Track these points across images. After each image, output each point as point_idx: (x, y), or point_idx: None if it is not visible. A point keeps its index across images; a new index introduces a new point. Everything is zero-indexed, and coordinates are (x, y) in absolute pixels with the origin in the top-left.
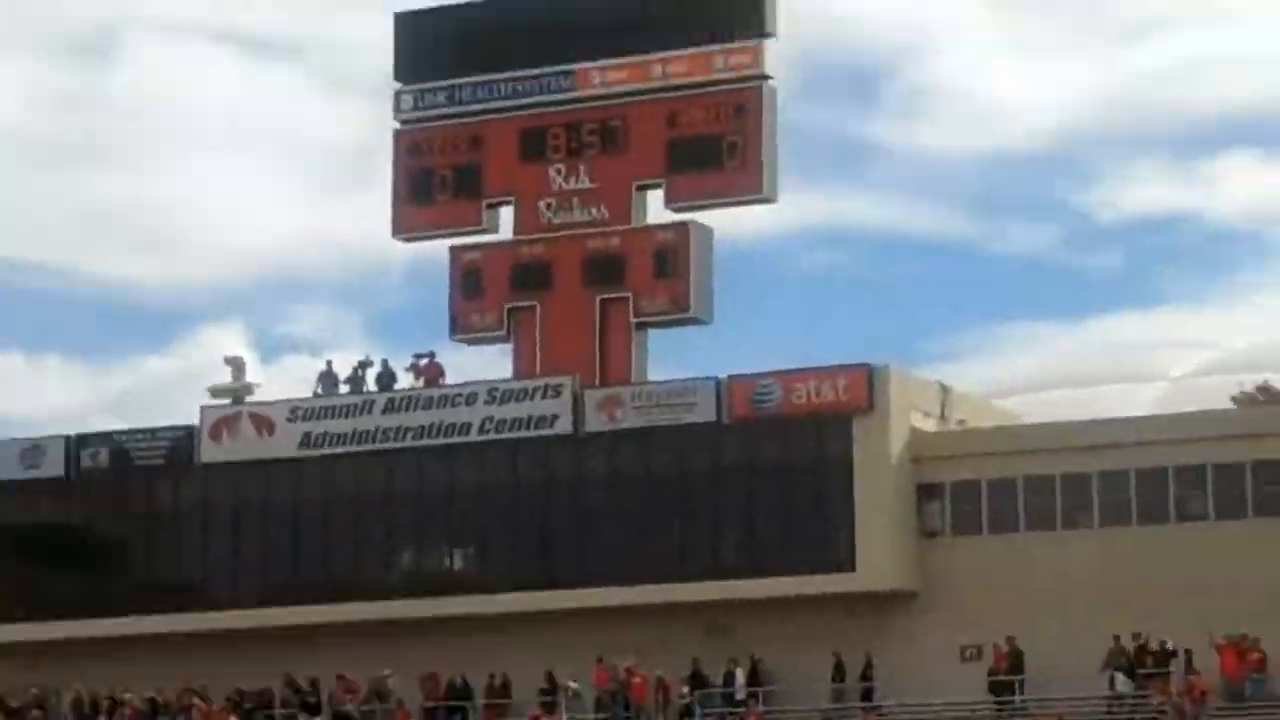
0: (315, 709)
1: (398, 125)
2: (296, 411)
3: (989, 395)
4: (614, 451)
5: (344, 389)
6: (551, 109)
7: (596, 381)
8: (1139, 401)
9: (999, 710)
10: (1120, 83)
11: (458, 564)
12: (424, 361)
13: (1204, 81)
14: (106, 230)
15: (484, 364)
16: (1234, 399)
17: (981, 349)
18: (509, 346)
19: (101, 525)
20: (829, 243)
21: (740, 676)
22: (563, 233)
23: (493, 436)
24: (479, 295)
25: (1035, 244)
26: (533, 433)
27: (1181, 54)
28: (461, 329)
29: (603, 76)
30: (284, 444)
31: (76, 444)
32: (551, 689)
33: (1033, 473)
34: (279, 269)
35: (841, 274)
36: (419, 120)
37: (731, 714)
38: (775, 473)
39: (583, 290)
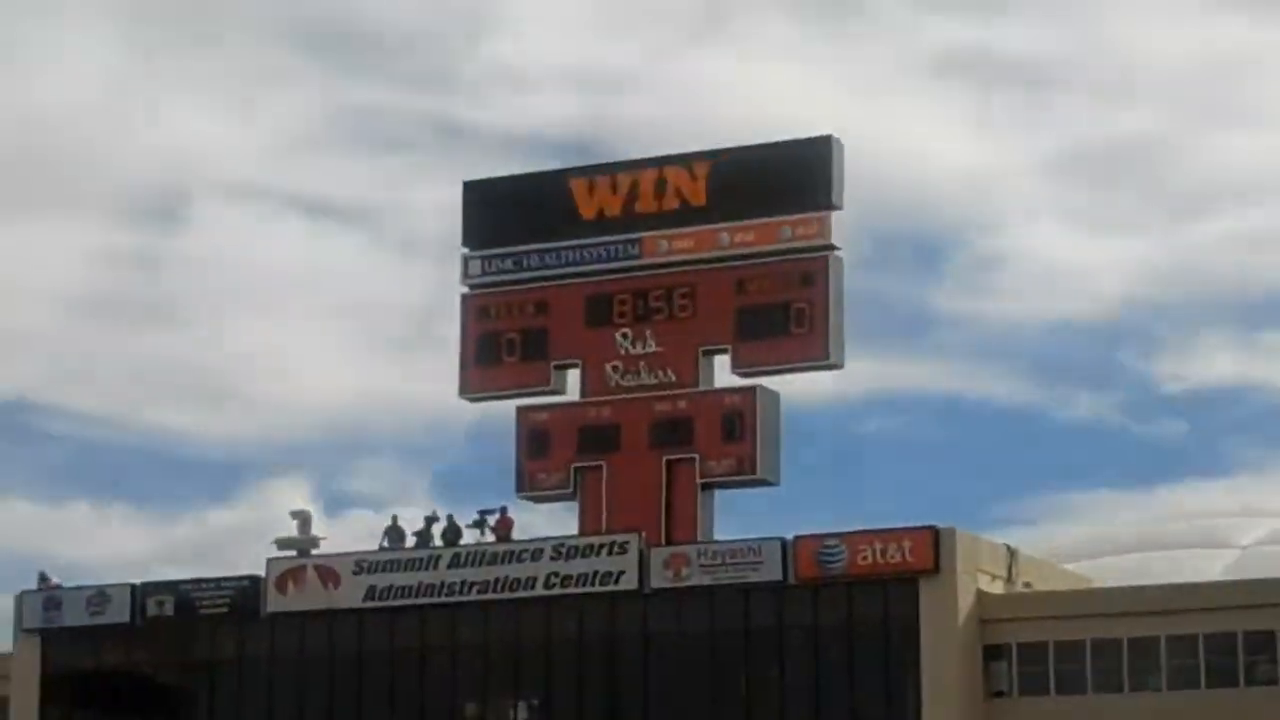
0: None
1: (465, 290)
2: (362, 564)
3: (1055, 559)
4: (680, 609)
5: (410, 542)
6: (618, 276)
7: (662, 540)
8: (1208, 568)
9: None
10: (1184, 254)
11: (522, 718)
12: (496, 516)
13: (1267, 253)
14: (172, 386)
15: (550, 522)
16: None
17: (1047, 514)
18: (575, 505)
19: (165, 672)
20: (894, 408)
21: None
22: (631, 395)
23: (558, 592)
24: (546, 455)
25: (1100, 410)
26: (598, 588)
27: (1245, 226)
28: (528, 487)
29: (669, 245)
30: (349, 596)
31: (142, 592)
32: None
33: (1100, 635)
34: (344, 426)
35: (907, 438)
36: (487, 285)
37: None
38: (841, 633)
39: (650, 451)
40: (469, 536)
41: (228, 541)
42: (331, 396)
